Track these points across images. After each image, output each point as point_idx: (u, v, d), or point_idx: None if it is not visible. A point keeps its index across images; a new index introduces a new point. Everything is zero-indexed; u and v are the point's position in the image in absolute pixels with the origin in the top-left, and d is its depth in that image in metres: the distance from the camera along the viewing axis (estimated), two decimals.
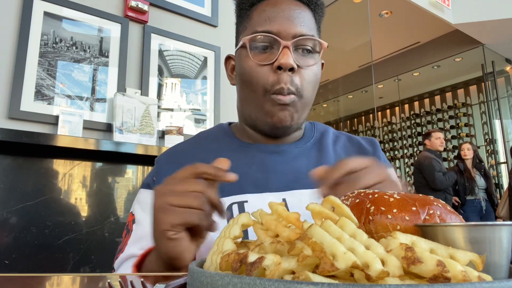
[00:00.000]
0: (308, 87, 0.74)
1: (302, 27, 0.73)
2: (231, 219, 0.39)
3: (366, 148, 0.85)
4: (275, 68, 0.71)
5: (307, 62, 0.74)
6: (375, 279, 0.26)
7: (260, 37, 0.72)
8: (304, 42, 0.73)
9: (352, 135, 0.90)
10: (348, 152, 0.83)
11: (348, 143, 0.86)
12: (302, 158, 0.79)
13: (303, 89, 0.73)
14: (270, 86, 0.71)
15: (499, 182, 6.08)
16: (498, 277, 0.32)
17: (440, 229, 0.33)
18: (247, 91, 0.75)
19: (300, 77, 0.72)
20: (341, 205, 0.35)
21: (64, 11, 1.78)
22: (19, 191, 1.53)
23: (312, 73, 0.74)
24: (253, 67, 0.72)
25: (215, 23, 2.25)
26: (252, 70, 0.73)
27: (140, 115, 1.84)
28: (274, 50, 0.72)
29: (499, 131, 6.08)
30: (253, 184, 0.74)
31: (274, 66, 0.71)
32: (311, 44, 0.74)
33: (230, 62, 0.86)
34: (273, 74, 0.71)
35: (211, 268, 0.33)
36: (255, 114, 0.76)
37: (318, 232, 0.29)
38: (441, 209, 0.38)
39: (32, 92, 1.63)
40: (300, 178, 0.75)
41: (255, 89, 0.73)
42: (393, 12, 5.39)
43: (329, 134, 0.87)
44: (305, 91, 0.73)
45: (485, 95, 6.17)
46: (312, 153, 0.81)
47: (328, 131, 0.88)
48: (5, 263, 1.45)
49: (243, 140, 0.82)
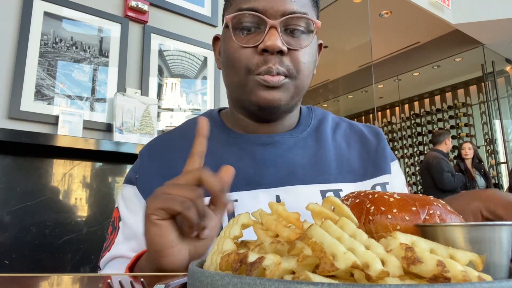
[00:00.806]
0: (303, 68, 0.65)
1: (292, 3, 0.63)
2: (231, 219, 0.39)
3: (369, 139, 0.77)
4: (260, 50, 0.63)
5: (299, 44, 0.65)
6: (375, 279, 0.26)
7: (244, 15, 0.63)
8: (295, 21, 0.64)
9: (354, 122, 0.82)
10: (349, 142, 0.76)
11: (350, 131, 0.78)
12: (298, 150, 0.71)
13: (297, 71, 0.65)
14: (254, 66, 0.63)
15: (499, 182, 6.08)
16: (498, 277, 0.32)
17: (440, 229, 0.33)
18: (230, 73, 0.68)
19: (292, 60, 0.64)
20: (341, 205, 0.35)
21: (64, 11, 1.78)
22: (19, 191, 1.53)
23: (307, 54, 0.66)
24: (236, 49, 0.64)
25: (215, 23, 2.25)
26: (235, 51, 0.65)
27: (140, 115, 1.84)
28: (260, 30, 0.64)
29: (499, 131, 6.08)
30: (244, 180, 0.67)
31: (259, 49, 0.63)
32: (303, 23, 0.65)
33: (218, 43, 0.76)
34: (258, 56, 0.63)
35: (211, 268, 0.33)
36: (240, 96, 0.68)
37: (318, 232, 0.29)
38: (441, 209, 0.38)
39: (32, 92, 1.63)
40: (295, 172, 0.68)
41: (238, 71, 0.65)
42: (393, 12, 5.39)
43: (328, 120, 0.78)
44: (299, 73, 0.65)
45: (485, 95, 6.17)
46: (309, 143, 0.73)
47: (327, 117, 0.79)
48: (5, 263, 1.45)
49: (233, 129, 0.75)
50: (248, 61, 0.64)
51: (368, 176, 0.72)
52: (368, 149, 0.75)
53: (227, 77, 0.70)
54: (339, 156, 0.73)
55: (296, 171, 0.69)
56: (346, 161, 0.73)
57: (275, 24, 0.62)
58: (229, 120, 0.77)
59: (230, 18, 0.65)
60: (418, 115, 7.56)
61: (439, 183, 4.10)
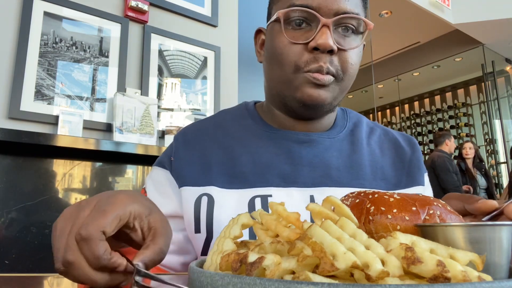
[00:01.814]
0: (350, 70, 0.65)
1: (346, 2, 0.63)
2: (231, 219, 0.39)
3: (404, 148, 0.76)
4: (311, 48, 0.62)
5: (349, 44, 0.64)
6: (375, 279, 0.26)
7: (297, 11, 0.63)
8: (347, 20, 0.64)
9: (389, 128, 0.81)
10: (383, 148, 0.75)
11: (384, 137, 0.78)
12: (334, 151, 0.71)
13: (345, 72, 0.65)
14: (304, 64, 0.63)
15: (499, 182, 6.08)
16: (498, 277, 0.32)
17: (440, 229, 0.33)
18: (276, 68, 0.67)
19: (340, 60, 0.64)
20: (341, 205, 0.35)
21: (64, 11, 1.78)
22: (19, 191, 1.53)
23: (355, 55, 0.66)
24: (286, 44, 0.64)
25: (215, 23, 2.25)
26: (284, 47, 0.64)
27: (140, 115, 1.84)
28: (312, 27, 0.64)
29: (499, 131, 6.08)
30: (279, 177, 0.66)
31: (309, 46, 0.62)
32: (355, 23, 0.64)
33: (260, 36, 0.76)
34: (308, 53, 0.63)
35: (211, 268, 0.33)
36: (283, 92, 0.67)
37: (318, 232, 0.29)
38: (441, 209, 0.38)
39: (32, 92, 1.63)
40: (330, 174, 0.68)
41: (285, 67, 0.65)
42: (393, 12, 5.39)
43: (363, 125, 0.78)
44: (346, 75, 0.65)
45: (485, 95, 6.17)
46: (345, 146, 0.72)
47: (362, 121, 0.79)
48: (5, 263, 1.45)
49: (270, 124, 0.73)
50: (298, 58, 0.63)
51: (401, 186, 0.72)
52: (402, 158, 0.75)
53: (271, 71, 0.69)
54: (373, 162, 0.72)
55: (331, 173, 0.68)
56: (380, 168, 0.72)
57: (328, 22, 0.62)
58: (265, 114, 0.76)
59: (283, 13, 0.64)
60: (418, 115, 7.56)
61: (443, 181, 4.10)
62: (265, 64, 0.72)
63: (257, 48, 0.77)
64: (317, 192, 0.66)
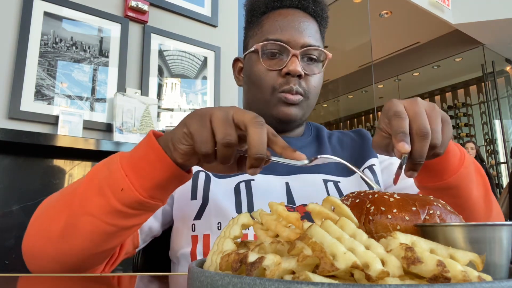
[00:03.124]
0: (314, 91, 0.80)
1: (309, 38, 0.79)
2: (231, 219, 0.39)
3: (356, 140, 0.91)
4: (284, 74, 0.77)
5: (312, 70, 0.80)
6: (375, 279, 0.26)
7: (271, 44, 0.78)
8: (311, 51, 0.79)
9: (345, 131, 0.97)
10: (342, 144, 0.90)
11: (342, 136, 0.93)
12: (305, 149, 0.84)
13: (309, 92, 0.79)
14: (278, 86, 0.77)
15: (499, 182, 6.08)
16: (498, 277, 0.32)
17: (440, 229, 0.33)
18: (255, 90, 0.81)
19: (306, 83, 0.79)
20: (341, 205, 0.35)
21: (64, 11, 1.78)
22: (19, 191, 1.53)
23: (317, 80, 0.81)
24: (263, 71, 0.79)
25: (215, 23, 2.25)
26: (261, 73, 0.79)
27: (140, 115, 1.84)
28: (283, 57, 0.78)
29: (499, 131, 6.07)
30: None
31: (282, 72, 0.77)
32: (317, 54, 0.80)
33: (238, 64, 0.92)
34: (281, 78, 0.78)
35: (211, 268, 0.33)
36: (262, 111, 0.80)
37: (318, 232, 0.29)
38: (441, 209, 0.38)
39: (32, 92, 1.63)
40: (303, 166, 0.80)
41: (263, 89, 0.79)
42: (393, 12, 5.39)
43: (324, 131, 0.94)
44: (310, 94, 0.80)
45: (485, 95, 6.17)
46: (313, 146, 0.88)
47: (322, 129, 0.95)
48: (5, 263, 1.45)
49: None
50: (274, 81, 0.78)
51: (358, 164, 0.85)
52: (355, 147, 0.90)
53: (251, 93, 0.83)
54: (335, 155, 0.84)
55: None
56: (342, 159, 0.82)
57: (296, 53, 0.77)
58: None
59: (260, 46, 0.79)
60: None
61: None
62: (245, 87, 0.87)
63: (235, 74, 0.92)
64: (291, 179, 0.78)
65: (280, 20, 0.80)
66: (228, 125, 0.48)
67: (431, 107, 0.52)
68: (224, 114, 0.49)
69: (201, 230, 0.73)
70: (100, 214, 0.53)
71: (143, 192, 0.53)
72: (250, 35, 0.86)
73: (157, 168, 0.52)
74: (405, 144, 0.45)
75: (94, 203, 0.54)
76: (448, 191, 0.62)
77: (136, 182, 0.53)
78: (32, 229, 0.60)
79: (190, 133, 0.50)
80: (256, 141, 0.47)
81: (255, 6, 0.86)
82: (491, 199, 0.68)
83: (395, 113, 0.48)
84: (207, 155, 0.49)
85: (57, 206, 0.59)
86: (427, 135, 0.47)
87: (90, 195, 0.55)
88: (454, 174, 0.60)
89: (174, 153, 0.52)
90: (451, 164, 0.60)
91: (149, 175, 0.53)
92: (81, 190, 0.56)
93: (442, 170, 0.60)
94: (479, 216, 0.66)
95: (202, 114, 0.50)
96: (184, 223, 0.76)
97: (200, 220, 0.74)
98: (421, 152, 0.47)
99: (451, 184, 0.61)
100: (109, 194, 0.53)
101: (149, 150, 0.53)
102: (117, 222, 0.54)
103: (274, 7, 0.83)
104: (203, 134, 0.49)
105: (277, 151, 0.50)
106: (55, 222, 0.57)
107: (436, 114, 0.51)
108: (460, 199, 0.63)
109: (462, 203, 0.63)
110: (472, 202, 0.64)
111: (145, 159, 0.53)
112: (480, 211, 0.66)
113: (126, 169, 0.53)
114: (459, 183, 0.61)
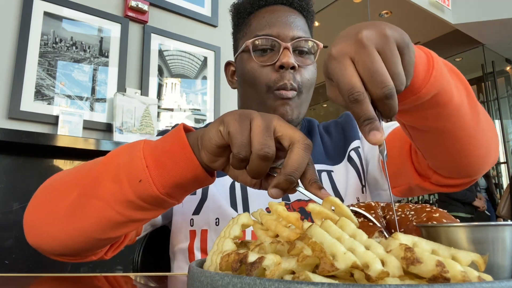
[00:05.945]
0: (307, 84, 0.79)
1: (299, 30, 0.79)
2: (231, 219, 0.39)
3: (340, 122, 0.93)
4: (277, 67, 0.76)
5: (305, 62, 0.79)
6: (375, 279, 0.26)
7: (261, 39, 0.78)
8: (302, 43, 0.79)
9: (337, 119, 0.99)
10: (329, 131, 0.92)
11: (327, 124, 0.95)
12: None
13: (303, 86, 0.78)
14: (273, 83, 0.76)
15: (499, 182, 6.08)
16: (501, 278, 0.31)
17: (442, 230, 0.33)
18: (250, 90, 0.80)
19: (300, 75, 0.78)
20: (341, 205, 0.35)
21: (64, 11, 1.77)
22: (19, 191, 1.53)
23: (311, 72, 0.80)
24: (256, 68, 0.78)
25: (215, 23, 2.25)
26: (255, 71, 0.78)
27: (140, 115, 1.84)
28: (274, 52, 0.78)
29: (499, 131, 6.07)
30: None
31: (276, 66, 0.76)
32: (308, 46, 0.80)
33: (230, 67, 0.92)
34: (275, 73, 0.76)
35: (211, 268, 0.33)
36: (258, 110, 0.76)
37: (318, 232, 0.29)
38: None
39: (32, 92, 1.63)
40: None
41: (258, 88, 0.77)
42: (393, 12, 5.39)
43: (315, 123, 0.96)
44: (304, 89, 0.79)
45: (485, 95, 6.17)
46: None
47: (314, 122, 0.96)
48: (5, 263, 1.45)
49: None
50: (268, 78, 0.76)
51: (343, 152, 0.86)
52: (339, 130, 0.91)
53: (246, 94, 0.82)
54: (325, 148, 0.88)
55: None
56: (332, 150, 0.88)
57: (287, 45, 0.76)
58: None
59: (251, 43, 0.78)
60: None
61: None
62: (239, 89, 0.86)
63: (228, 78, 0.92)
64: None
65: (267, 17, 0.80)
66: (269, 136, 0.44)
67: (382, 38, 0.41)
68: (266, 122, 0.45)
69: (199, 225, 0.74)
70: (111, 201, 0.50)
71: (162, 188, 0.49)
72: (240, 37, 0.87)
73: (180, 166, 0.49)
74: (376, 134, 0.38)
75: (107, 188, 0.51)
76: (427, 105, 0.52)
77: (156, 176, 0.49)
78: (37, 200, 0.58)
79: (228, 132, 0.45)
80: (297, 164, 0.43)
81: (240, 8, 0.88)
82: (475, 101, 0.59)
83: (348, 92, 0.39)
84: (244, 159, 0.44)
85: (69, 181, 0.56)
86: (391, 94, 0.39)
87: (105, 178, 0.51)
88: (426, 83, 0.48)
89: (202, 152, 0.48)
90: (420, 72, 0.48)
91: (170, 172, 0.49)
92: (96, 170, 0.53)
93: (412, 84, 0.48)
94: (468, 121, 0.57)
95: (243, 115, 0.46)
96: (183, 217, 0.77)
97: (199, 215, 0.75)
98: (390, 112, 0.40)
99: (426, 94, 0.49)
100: (125, 183, 0.49)
101: (176, 145, 0.49)
102: (127, 213, 0.51)
103: (260, 5, 0.83)
104: (243, 136, 0.44)
105: (303, 182, 0.45)
106: (63, 198, 0.54)
107: (390, 49, 0.40)
108: (443, 108, 0.53)
109: (446, 112, 0.54)
110: (455, 107, 0.54)
111: (169, 153, 0.49)
112: (467, 116, 0.57)
113: (148, 159, 0.49)
114: (436, 89, 0.50)
